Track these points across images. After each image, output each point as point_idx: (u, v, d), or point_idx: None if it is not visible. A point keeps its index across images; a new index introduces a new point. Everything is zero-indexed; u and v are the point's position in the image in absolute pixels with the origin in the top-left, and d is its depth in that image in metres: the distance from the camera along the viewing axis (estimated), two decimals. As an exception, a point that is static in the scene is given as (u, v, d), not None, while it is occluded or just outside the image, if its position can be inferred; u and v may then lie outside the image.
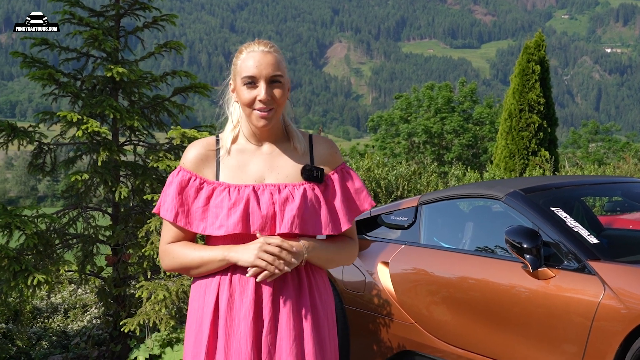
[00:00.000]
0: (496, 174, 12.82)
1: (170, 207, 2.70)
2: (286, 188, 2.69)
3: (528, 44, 14.15)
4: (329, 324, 2.77)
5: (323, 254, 2.74)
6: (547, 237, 4.59)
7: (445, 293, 5.12)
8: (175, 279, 5.47)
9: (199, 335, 2.68)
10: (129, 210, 5.93)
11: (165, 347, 5.27)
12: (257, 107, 2.66)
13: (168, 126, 6.17)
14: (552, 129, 14.08)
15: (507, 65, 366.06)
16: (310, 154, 2.81)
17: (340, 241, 2.84)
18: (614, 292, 4.08)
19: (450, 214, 5.70)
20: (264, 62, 2.67)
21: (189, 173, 2.73)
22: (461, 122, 34.19)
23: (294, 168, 2.75)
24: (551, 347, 4.37)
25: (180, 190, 2.71)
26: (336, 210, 2.75)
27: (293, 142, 2.80)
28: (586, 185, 5.81)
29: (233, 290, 2.64)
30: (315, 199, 2.70)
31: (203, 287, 2.71)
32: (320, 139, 2.87)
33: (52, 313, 7.71)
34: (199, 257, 2.68)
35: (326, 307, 2.77)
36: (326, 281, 2.81)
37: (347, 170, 2.86)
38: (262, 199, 2.65)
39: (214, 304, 2.66)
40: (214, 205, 2.67)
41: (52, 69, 5.69)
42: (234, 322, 2.63)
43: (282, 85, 2.69)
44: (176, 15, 6.12)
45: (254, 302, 2.62)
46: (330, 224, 2.71)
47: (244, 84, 2.68)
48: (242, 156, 2.75)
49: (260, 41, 2.75)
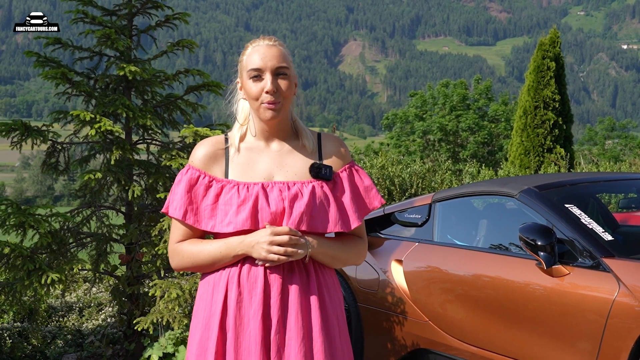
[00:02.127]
0: (511, 172, 12.77)
1: (179, 205, 2.70)
2: (295, 185, 2.69)
3: (543, 40, 14.09)
4: (338, 322, 2.76)
5: (328, 251, 2.73)
6: (561, 234, 4.57)
7: (460, 291, 5.10)
8: (188, 278, 5.48)
9: (205, 334, 2.67)
10: (143, 209, 5.94)
11: (178, 346, 5.28)
12: (264, 99, 2.66)
13: (181, 125, 6.18)
14: (568, 126, 14.01)
15: (522, 62, 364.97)
16: (319, 152, 2.81)
17: (348, 240, 2.83)
18: (628, 289, 4.06)
19: (464, 212, 5.69)
20: (269, 54, 2.68)
21: (198, 171, 2.73)
22: (476, 119, 34.07)
23: (302, 166, 2.75)
24: (565, 345, 4.34)
25: (189, 188, 2.71)
26: (345, 208, 2.75)
27: (302, 140, 2.80)
28: (601, 182, 5.77)
29: (242, 289, 2.64)
30: (324, 196, 2.70)
31: (211, 286, 2.71)
32: (329, 137, 2.87)
33: (67, 312, 7.74)
34: (209, 255, 2.68)
35: (335, 306, 2.76)
36: (335, 280, 2.81)
37: (356, 168, 2.85)
38: (271, 196, 2.65)
39: (223, 303, 2.65)
40: (222, 202, 2.67)
41: (66, 68, 5.71)
42: (243, 321, 2.62)
43: (288, 78, 2.70)
44: (188, 14, 6.12)
45: (262, 301, 2.61)
46: (339, 222, 2.71)
47: (250, 77, 2.68)
48: (250, 154, 2.76)
49: (265, 37, 2.76)
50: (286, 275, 2.66)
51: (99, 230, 5.93)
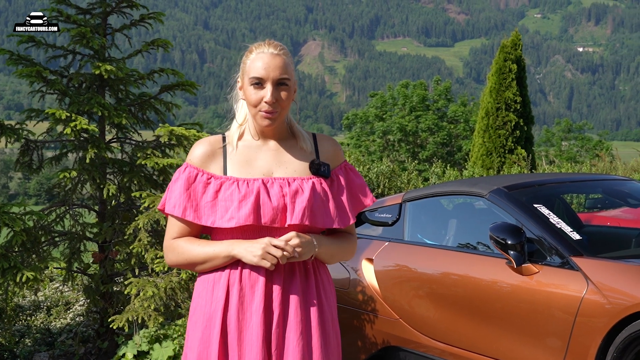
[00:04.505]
0: (475, 172, 12.91)
1: (178, 202, 2.73)
2: (295, 181, 2.73)
3: (505, 43, 14.26)
4: (332, 318, 2.82)
5: (329, 249, 2.80)
6: (531, 234, 4.66)
7: (429, 289, 5.18)
8: (163, 276, 5.50)
9: (207, 331, 2.70)
10: (116, 208, 5.95)
11: (153, 344, 5.29)
12: (262, 108, 2.70)
13: (155, 124, 6.18)
14: (529, 127, 14.21)
15: (480, 64, 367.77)
16: (316, 152, 2.86)
17: (342, 237, 2.90)
18: (597, 287, 4.16)
19: (434, 211, 5.77)
20: (273, 64, 2.71)
21: (196, 169, 2.76)
22: (436, 120, 34.29)
23: (301, 163, 2.80)
24: (535, 342, 4.44)
25: (187, 186, 2.74)
26: (343, 204, 2.81)
27: (299, 142, 2.85)
28: (567, 183, 5.90)
29: (244, 285, 2.68)
30: (324, 192, 2.76)
31: (211, 283, 2.74)
32: (324, 137, 2.93)
33: (34, 310, 7.68)
34: (204, 253, 2.72)
35: (330, 301, 2.82)
36: (329, 277, 2.87)
37: (349, 167, 2.93)
38: (272, 192, 2.69)
39: (224, 300, 2.69)
40: (222, 199, 2.70)
41: (40, 67, 5.70)
42: (246, 315, 2.66)
43: (289, 88, 2.74)
44: (163, 14, 6.12)
45: (264, 296, 2.66)
46: (337, 218, 2.77)
47: (251, 84, 2.72)
48: (249, 151, 2.79)
49: (271, 42, 2.79)
50: (287, 271, 2.71)
51: (72, 228, 5.91)
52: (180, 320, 5.48)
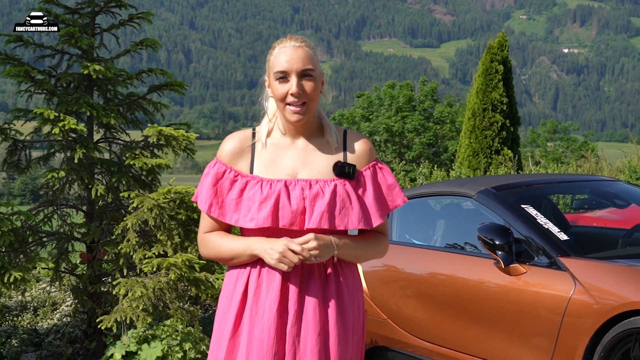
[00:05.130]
0: (462, 173, 12.94)
1: (205, 197, 2.78)
2: (317, 184, 2.74)
3: (491, 44, 14.29)
4: (355, 318, 2.82)
5: (353, 251, 2.79)
6: (519, 234, 4.69)
7: (417, 289, 5.21)
8: (152, 276, 5.49)
9: (223, 322, 2.77)
10: (104, 208, 5.94)
11: (141, 344, 5.28)
12: (289, 101, 2.72)
13: (144, 124, 6.17)
14: (515, 128, 14.25)
15: (466, 65, 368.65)
16: (344, 149, 2.86)
17: (371, 237, 2.89)
18: (584, 287, 4.19)
19: (421, 212, 5.79)
20: (295, 56, 2.73)
21: (225, 165, 2.80)
22: (422, 120, 34.37)
23: (326, 164, 2.80)
24: (523, 342, 4.47)
25: (215, 182, 2.78)
26: (367, 206, 2.80)
27: (326, 137, 2.85)
28: (554, 184, 5.93)
29: (261, 282, 2.72)
30: (346, 195, 2.75)
31: (235, 277, 2.80)
32: (355, 134, 2.91)
33: (21, 311, 7.65)
34: (230, 250, 2.77)
35: (354, 302, 2.82)
36: (356, 273, 2.87)
37: (379, 166, 2.90)
38: (293, 194, 2.71)
39: (242, 294, 2.74)
40: (246, 198, 2.73)
41: (28, 66, 5.68)
42: (259, 313, 2.70)
43: (314, 79, 2.75)
44: (152, 14, 6.13)
45: (279, 294, 2.68)
46: (362, 220, 2.76)
47: (276, 79, 2.75)
48: (276, 150, 2.81)
49: (292, 36, 2.81)
50: (305, 270, 2.73)
51: (60, 228, 5.90)
52: (169, 321, 5.48)
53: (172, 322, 5.47)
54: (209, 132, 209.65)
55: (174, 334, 5.38)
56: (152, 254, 5.45)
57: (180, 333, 5.42)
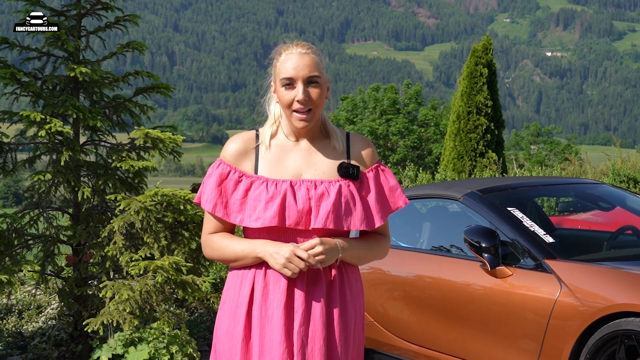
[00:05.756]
0: (447, 175, 12.99)
1: (210, 198, 2.79)
2: (322, 184, 2.77)
3: (476, 47, 14.36)
4: (356, 320, 2.84)
5: (356, 253, 2.82)
6: (505, 237, 4.71)
7: (403, 292, 5.22)
8: (139, 279, 5.48)
9: (232, 324, 2.76)
10: (90, 210, 5.92)
11: (128, 347, 5.27)
12: (295, 107, 2.74)
13: (130, 126, 6.17)
14: (499, 131, 14.33)
15: (450, 68, 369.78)
16: (347, 152, 2.88)
17: (373, 239, 2.92)
18: (570, 290, 4.22)
19: (408, 214, 5.80)
20: (301, 63, 2.75)
21: (229, 166, 2.81)
22: (406, 123, 34.50)
23: (330, 165, 2.82)
24: (509, 344, 4.49)
25: (219, 182, 2.79)
26: (370, 207, 2.82)
27: (332, 141, 2.87)
28: (539, 186, 5.96)
29: (268, 281, 2.73)
30: (350, 195, 2.78)
31: (239, 278, 2.80)
32: (357, 137, 2.94)
33: (6, 314, 7.62)
34: (234, 252, 2.78)
35: (356, 303, 2.84)
36: (357, 275, 2.89)
37: (382, 168, 2.93)
38: (299, 194, 2.74)
39: (249, 295, 2.75)
40: (251, 198, 2.75)
41: (14, 69, 5.66)
42: (268, 312, 2.71)
43: (320, 86, 2.77)
44: (138, 16, 6.12)
45: (286, 292, 2.70)
46: (364, 221, 2.78)
47: (282, 85, 2.76)
48: (281, 151, 2.83)
49: (298, 43, 2.82)
50: (311, 272, 2.74)
51: (46, 231, 5.88)
52: (155, 324, 5.47)
53: (158, 325, 5.46)
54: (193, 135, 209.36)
55: (161, 337, 5.37)
56: (139, 256, 5.44)
57: (167, 336, 5.41)
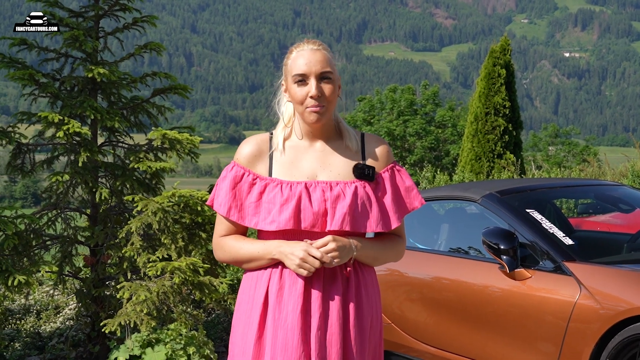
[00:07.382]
0: (465, 177, 12.93)
1: (224, 201, 2.77)
2: (338, 186, 2.74)
3: (494, 48, 14.28)
4: (372, 322, 2.82)
5: (371, 252, 2.80)
6: (523, 239, 4.68)
7: (421, 294, 5.20)
8: (156, 280, 5.48)
9: (246, 326, 2.75)
10: (108, 211, 5.93)
11: (145, 348, 5.28)
12: (308, 104, 2.72)
13: (148, 127, 6.18)
14: (517, 132, 14.24)
15: (467, 69, 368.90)
16: (362, 152, 2.86)
17: (389, 239, 2.89)
18: (589, 292, 4.19)
19: (426, 216, 5.78)
20: (314, 59, 2.74)
21: (243, 169, 2.80)
22: (423, 124, 34.37)
23: (346, 166, 2.81)
24: (527, 347, 4.46)
25: (233, 185, 2.78)
26: (386, 208, 2.80)
27: (345, 141, 2.85)
28: (558, 188, 5.92)
29: (283, 284, 2.71)
30: (366, 197, 2.76)
31: (254, 280, 2.79)
32: (372, 137, 2.92)
33: (24, 314, 7.65)
34: (249, 253, 2.76)
35: (372, 304, 2.82)
36: (374, 277, 2.87)
37: (397, 168, 2.90)
38: (314, 196, 2.71)
39: (264, 297, 2.73)
40: (266, 200, 2.73)
41: (33, 70, 5.68)
42: (282, 315, 2.69)
43: (332, 82, 2.76)
44: (156, 17, 6.13)
45: (302, 296, 2.68)
46: (380, 222, 2.76)
47: (295, 82, 2.75)
48: (294, 153, 2.81)
49: (309, 40, 2.82)
50: (328, 273, 2.73)
51: (64, 232, 5.90)
52: (172, 325, 5.47)
53: (175, 326, 5.46)
54: (210, 136, 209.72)
55: (178, 338, 5.37)
56: (156, 257, 5.45)
57: (184, 337, 5.41)
